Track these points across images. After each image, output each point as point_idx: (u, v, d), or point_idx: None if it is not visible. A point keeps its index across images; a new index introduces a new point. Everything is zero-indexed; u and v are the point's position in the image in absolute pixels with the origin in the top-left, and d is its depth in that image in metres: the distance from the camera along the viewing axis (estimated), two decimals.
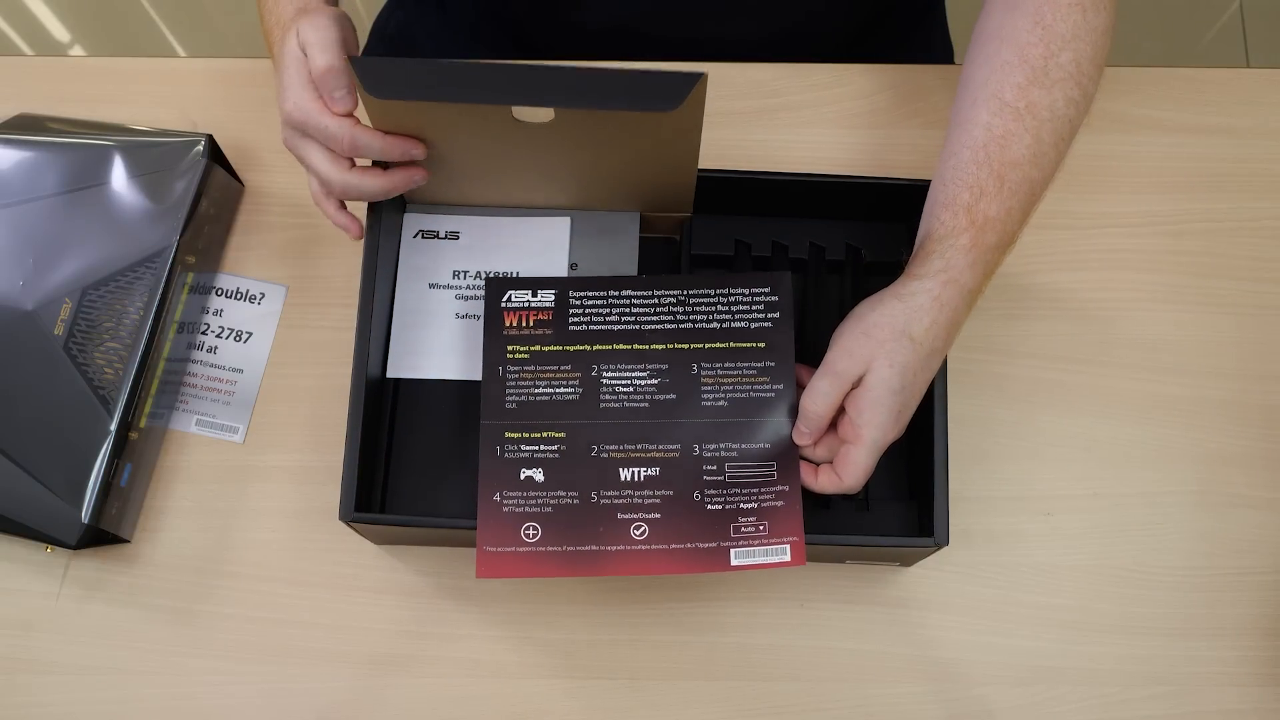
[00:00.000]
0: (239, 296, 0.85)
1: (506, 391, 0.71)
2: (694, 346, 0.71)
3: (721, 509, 0.68)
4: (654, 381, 0.71)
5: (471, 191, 0.77)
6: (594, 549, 0.67)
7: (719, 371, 0.71)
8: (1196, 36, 1.83)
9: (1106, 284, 0.85)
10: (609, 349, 0.72)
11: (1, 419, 0.76)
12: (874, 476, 0.68)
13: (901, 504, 0.76)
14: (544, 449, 0.69)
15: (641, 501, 0.68)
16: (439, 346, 0.77)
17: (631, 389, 0.71)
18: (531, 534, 0.67)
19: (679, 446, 0.69)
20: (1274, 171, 0.87)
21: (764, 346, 0.71)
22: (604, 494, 0.68)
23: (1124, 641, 0.78)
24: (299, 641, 0.78)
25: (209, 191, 0.82)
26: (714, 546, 0.67)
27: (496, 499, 0.68)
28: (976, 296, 0.68)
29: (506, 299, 0.73)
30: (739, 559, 0.66)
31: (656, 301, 0.72)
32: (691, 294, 0.73)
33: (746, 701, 0.77)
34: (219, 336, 0.84)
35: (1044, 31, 0.69)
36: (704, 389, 0.70)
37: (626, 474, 0.69)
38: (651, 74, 0.63)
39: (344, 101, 0.67)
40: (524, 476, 0.69)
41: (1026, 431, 0.81)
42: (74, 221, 0.80)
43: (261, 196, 0.87)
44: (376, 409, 0.76)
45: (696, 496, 0.68)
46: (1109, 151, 0.88)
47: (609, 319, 0.72)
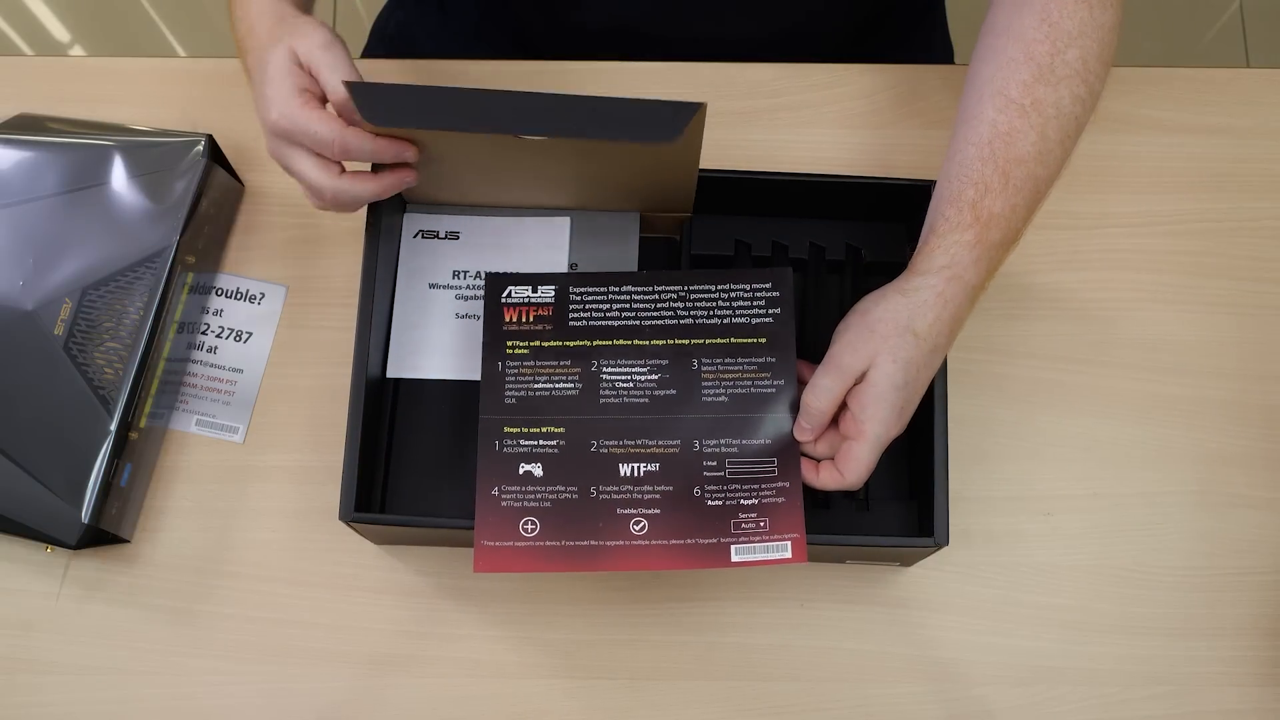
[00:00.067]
0: (239, 296, 0.85)
1: (506, 386, 0.71)
2: (694, 342, 0.71)
3: (722, 505, 0.67)
4: (654, 377, 0.71)
5: (471, 192, 0.77)
6: (593, 544, 0.67)
7: (720, 367, 0.70)
8: (1196, 36, 1.83)
9: (1106, 284, 0.85)
10: (609, 344, 0.71)
11: (1, 419, 0.76)
12: (874, 476, 0.68)
13: (901, 504, 0.76)
14: (543, 444, 0.69)
15: (641, 497, 0.68)
16: (439, 346, 0.77)
17: (632, 385, 0.70)
18: (530, 529, 0.67)
19: (679, 442, 0.69)
20: (1274, 171, 0.87)
21: (765, 342, 0.71)
22: (603, 489, 0.68)
23: (1124, 641, 0.78)
24: (299, 641, 0.78)
25: (209, 191, 0.82)
26: (714, 543, 0.66)
27: (495, 493, 0.68)
28: (980, 293, 0.68)
29: (506, 294, 0.73)
30: (740, 555, 0.66)
31: (657, 297, 0.72)
32: (692, 289, 0.72)
33: (746, 701, 0.77)
34: (219, 336, 0.84)
35: (1050, 28, 0.69)
36: (704, 385, 0.70)
37: (626, 469, 0.68)
38: (650, 104, 0.62)
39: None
40: (523, 471, 0.68)
41: (1026, 431, 0.81)
42: (74, 221, 0.80)
43: (261, 196, 0.87)
44: (376, 409, 0.76)
45: (697, 492, 0.68)
46: (1109, 151, 0.87)
47: (609, 314, 0.72)
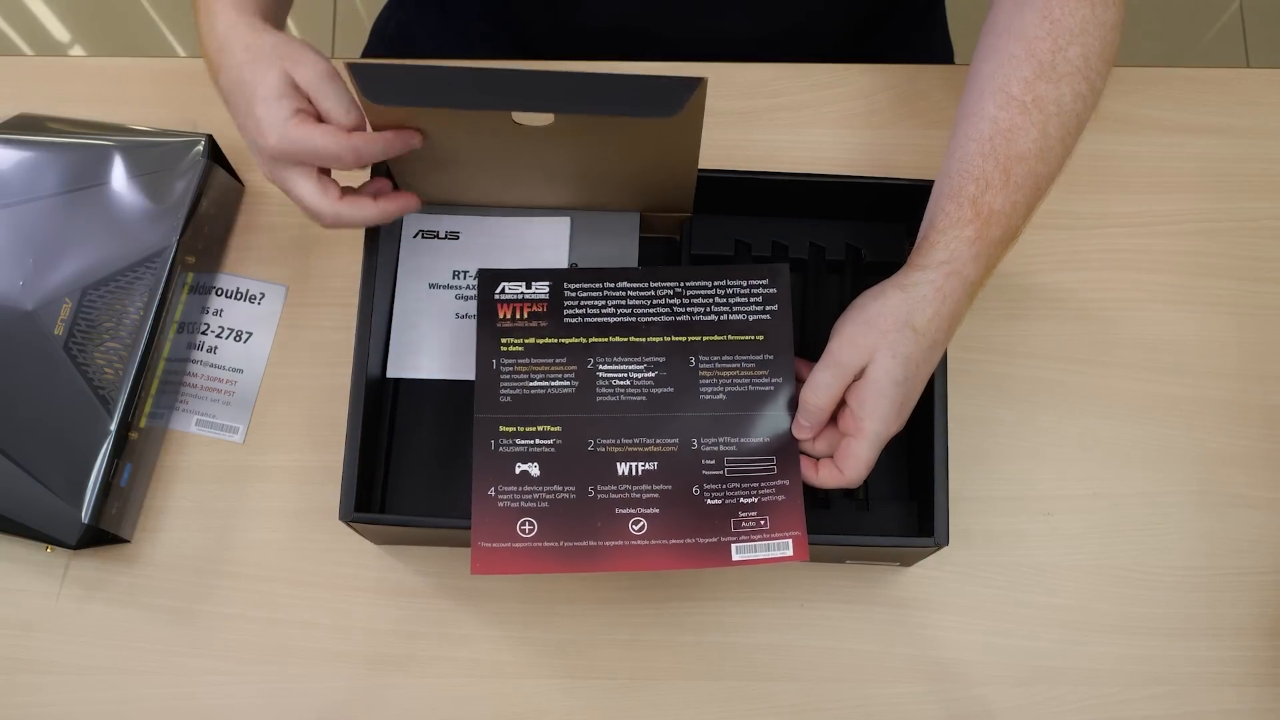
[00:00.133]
0: (239, 296, 0.85)
1: (501, 385, 0.70)
2: (691, 339, 0.71)
3: (721, 504, 0.67)
4: (651, 375, 0.70)
5: (471, 191, 0.77)
6: (592, 545, 0.66)
7: (717, 364, 0.70)
8: (1196, 36, 1.83)
9: (1106, 284, 0.85)
10: (605, 341, 0.71)
11: (1, 419, 0.76)
12: (874, 476, 0.68)
13: (901, 504, 0.76)
14: (539, 443, 0.69)
15: (640, 496, 0.67)
16: (439, 346, 0.77)
17: (628, 382, 0.70)
18: (528, 529, 0.67)
19: (677, 441, 0.69)
20: (1274, 171, 0.87)
21: (762, 339, 0.71)
22: (601, 489, 0.67)
23: (1124, 641, 0.77)
24: (299, 641, 0.78)
25: (209, 191, 0.82)
26: (714, 542, 0.66)
27: (491, 494, 0.67)
28: (978, 289, 0.68)
29: (500, 291, 0.72)
30: (740, 554, 0.66)
31: (653, 294, 0.72)
32: (688, 286, 0.72)
33: (746, 701, 0.77)
34: (219, 336, 0.84)
35: (1052, 26, 0.69)
36: (702, 382, 0.70)
37: (624, 469, 0.68)
38: (652, 79, 0.62)
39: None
40: (519, 471, 0.68)
41: (1026, 431, 0.81)
42: (74, 221, 0.80)
43: (261, 196, 0.87)
44: (376, 409, 0.76)
45: (696, 491, 0.67)
46: (1109, 151, 0.87)
47: (604, 311, 0.72)
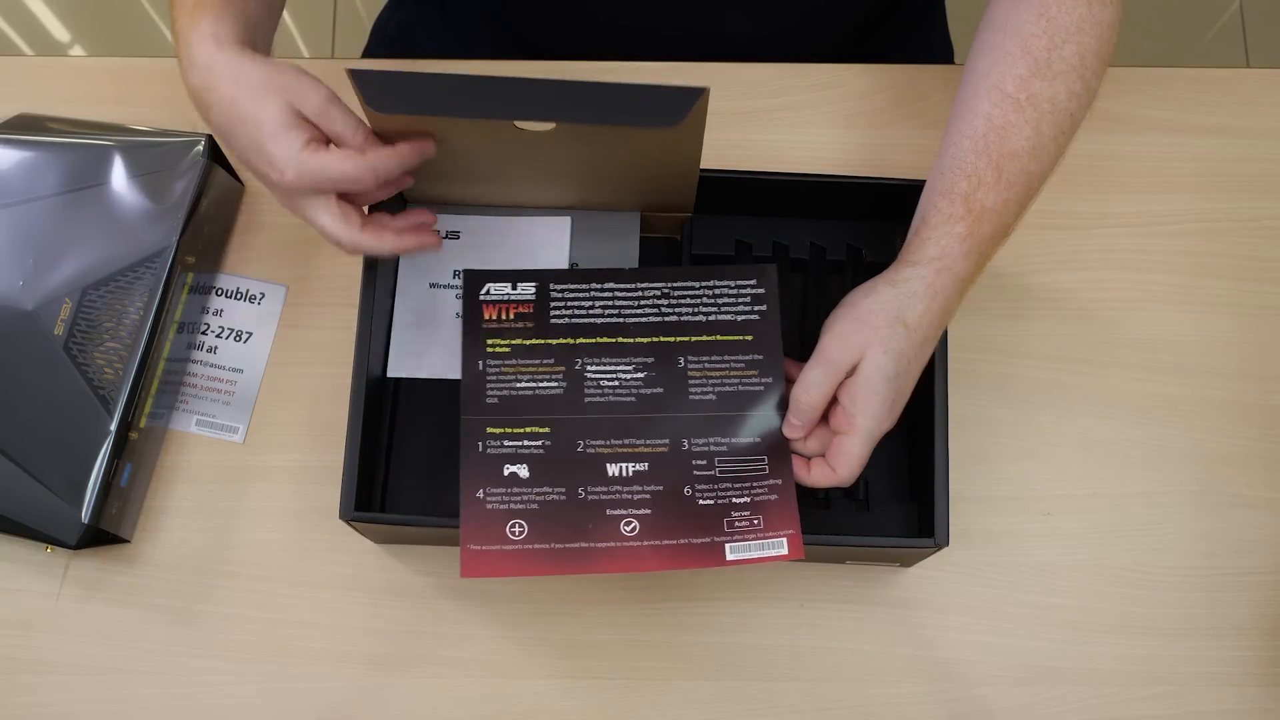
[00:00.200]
0: (239, 296, 0.85)
1: (487, 386, 0.70)
2: (680, 340, 0.70)
3: (713, 504, 0.67)
4: (640, 375, 0.70)
5: (472, 191, 0.77)
6: (583, 546, 0.66)
7: (706, 365, 0.70)
8: (1196, 36, 1.83)
9: (1106, 284, 0.85)
10: (592, 343, 0.70)
11: (1, 419, 0.76)
12: (874, 477, 0.68)
13: (901, 504, 0.75)
14: (528, 444, 0.68)
15: (631, 497, 0.67)
16: (439, 346, 0.77)
17: (617, 383, 0.70)
18: (517, 531, 0.66)
19: (667, 441, 0.68)
20: (1274, 171, 0.87)
21: (751, 339, 0.70)
22: (591, 490, 0.67)
23: (1124, 641, 0.77)
24: (299, 641, 0.78)
25: (209, 191, 0.82)
26: (708, 542, 0.66)
27: (480, 496, 0.67)
28: (969, 286, 0.68)
29: (485, 292, 0.72)
30: (735, 554, 0.65)
31: (640, 295, 0.72)
32: (675, 287, 0.72)
33: (746, 701, 0.77)
34: (219, 336, 0.84)
35: (1048, 24, 0.69)
36: (691, 383, 0.69)
37: (614, 469, 0.67)
38: (654, 89, 0.62)
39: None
40: (508, 473, 0.67)
41: (1026, 431, 0.81)
42: (74, 221, 0.80)
43: (261, 196, 0.87)
44: (377, 409, 0.76)
45: (687, 492, 0.67)
46: (1109, 151, 0.87)
47: (591, 312, 0.71)
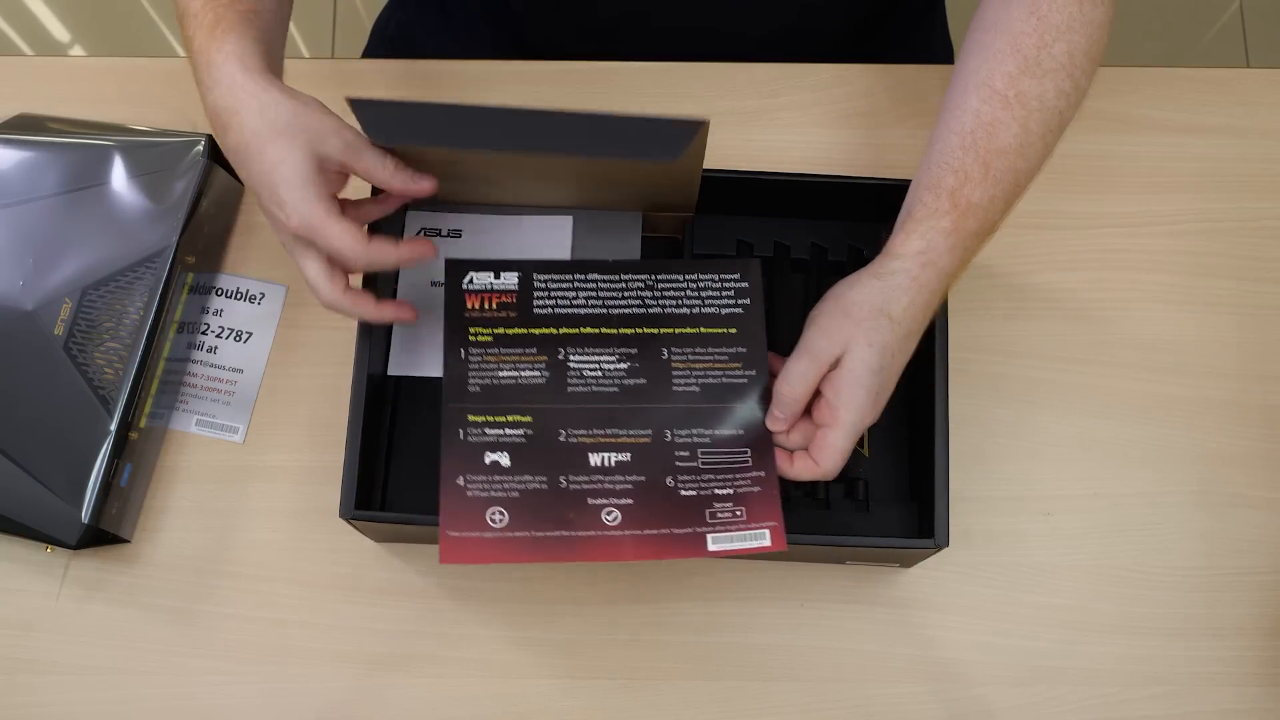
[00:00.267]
0: (239, 296, 0.85)
1: (469, 375, 0.69)
2: (664, 331, 0.70)
3: (696, 495, 0.66)
4: (623, 366, 0.70)
5: (474, 191, 0.77)
6: (565, 535, 0.65)
7: (690, 357, 0.70)
8: (1196, 36, 1.83)
9: (1106, 284, 0.85)
10: (576, 333, 0.70)
11: (1, 419, 0.76)
12: (874, 477, 0.68)
13: (901, 505, 0.76)
14: (510, 433, 0.68)
15: (613, 487, 0.66)
16: (440, 345, 0.77)
17: (600, 373, 0.69)
18: (498, 519, 0.66)
19: (650, 432, 0.68)
20: (1274, 171, 0.87)
21: (735, 332, 0.70)
22: (573, 479, 0.67)
23: (1124, 641, 0.78)
24: (299, 641, 0.78)
25: (209, 191, 0.82)
26: (689, 532, 0.65)
27: (460, 483, 0.66)
28: (952, 281, 0.68)
29: (468, 281, 0.72)
30: (716, 544, 0.65)
31: (624, 286, 0.71)
32: (659, 279, 0.72)
33: (745, 701, 0.77)
34: (219, 336, 0.84)
35: (1039, 22, 0.69)
36: (675, 374, 0.69)
37: (596, 459, 0.67)
38: (653, 122, 0.62)
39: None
40: (489, 460, 0.67)
41: (1026, 431, 0.81)
42: (74, 221, 0.80)
43: None
44: (377, 407, 0.75)
45: (670, 482, 0.67)
46: (1109, 151, 0.87)
47: (575, 302, 0.71)
